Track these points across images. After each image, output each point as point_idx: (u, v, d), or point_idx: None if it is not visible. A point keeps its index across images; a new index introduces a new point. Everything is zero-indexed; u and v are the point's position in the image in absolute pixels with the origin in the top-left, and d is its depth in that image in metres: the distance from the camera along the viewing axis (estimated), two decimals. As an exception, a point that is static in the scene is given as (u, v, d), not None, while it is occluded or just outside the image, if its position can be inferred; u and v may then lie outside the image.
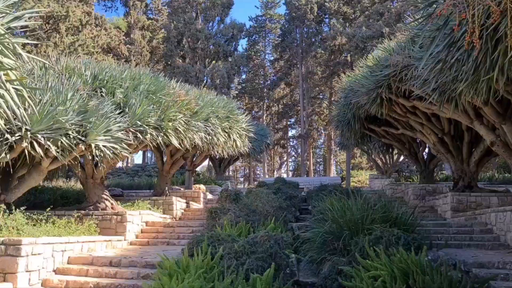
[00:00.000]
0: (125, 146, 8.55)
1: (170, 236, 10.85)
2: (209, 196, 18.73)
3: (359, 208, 8.26)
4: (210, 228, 9.95)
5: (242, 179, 63.27)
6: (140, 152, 39.62)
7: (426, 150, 17.52)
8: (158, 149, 14.69)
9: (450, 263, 7.08)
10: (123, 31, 34.49)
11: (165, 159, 15.20)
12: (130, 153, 10.54)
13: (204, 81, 29.68)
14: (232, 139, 14.37)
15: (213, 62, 30.33)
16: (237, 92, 52.32)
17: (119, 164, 37.73)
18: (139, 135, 9.08)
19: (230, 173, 65.82)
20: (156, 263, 6.97)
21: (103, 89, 9.14)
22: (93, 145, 7.71)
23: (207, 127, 12.61)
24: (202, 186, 19.48)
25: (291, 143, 59.00)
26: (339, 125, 17.00)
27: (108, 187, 16.85)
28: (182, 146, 11.11)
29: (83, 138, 7.58)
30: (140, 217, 11.25)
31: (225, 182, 25.00)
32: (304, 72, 41.77)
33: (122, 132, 8.59)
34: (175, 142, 10.20)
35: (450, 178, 17.85)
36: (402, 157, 25.18)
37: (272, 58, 50.43)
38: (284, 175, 58.88)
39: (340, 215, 8.14)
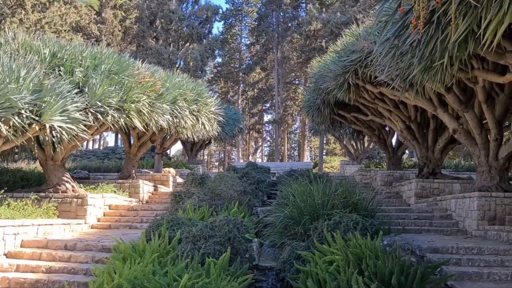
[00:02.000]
0: (83, 127, 8.28)
1: (133, 219, 10.69)
2: (179, 179, 18.54)
3: (321, 193, 8.28)
4: (174, 211, 9.84)
5: (217, 164, 63.16)
6: (113, 135, 38.95)
7: (395, 137, 17.72)
8: (125, 132, 14.44)
9: (406, 248, 7.19)
10: (95, 10, 33.48)
11: (132, 141, 14.93)
12: (91, 134, 10.28)
13: (178, 64, 29.18)
14: (200, 122, 14.18)
15: (187, 44, 29.79)
16: (212, 75, 51.84)
17: (90, 146, 37.04)
18: (99, 116, 8.81)
19: (205, 157, 65.61)
20: (112, 247, 6.83)
21: (61, 67, 8.80)
22: (47, 126, 7.43)
23: (174, 110, 12.39)
24: (172, 170, 19.28)
25: (267, 128, 59.02)
26: (309, 111, 16.99)
27: (74, 170, 16.51)
28: (147, 128, 10.89)
29: (37, 118, 7.30)
30: (102, 200, 11.03)
31: (196, 166, 24.74)
32: (279, 57, 41.60)
33: (81, 113, 8.31)
34: (138, 124, 9.96)
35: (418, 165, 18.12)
36: (372, 144, 25.47)
37: (248, 42, 50.02)
38: (259, 160, 59.12)
39: (301, 200, 8.15)
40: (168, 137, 17.68)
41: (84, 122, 8.34)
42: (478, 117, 9.92)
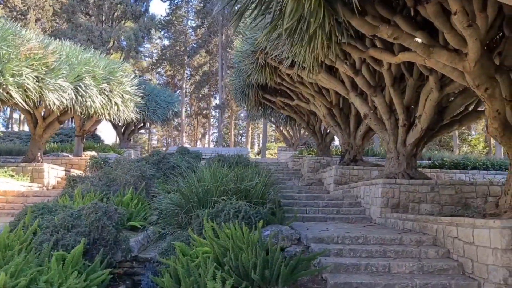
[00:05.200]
0: None
1: (19, 207, 9.67)
2: (102, 164, 17.49)
3: (213, 178, 7.68)
4: (61, 198, 8.96)
5: (164, 149, 61.58)
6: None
7: (323, 123, 17.46)
8: (29, 111, 13.24)
9: (293, 238, 6.74)
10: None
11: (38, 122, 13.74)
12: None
13: (112, 43, 27.59)
14: (113, 102, 13.19)
15: (121, 22, 28.17)
16: (157, 58, 50.01)
17: (16, 128, 34.80)
18: (-34, 90, 7.75)
19: (153, 142, 63.88)
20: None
21: None
22: None
23: (78, 87, 11.39)
24: (94, 154, 18.22)
25: (216, 113, 57.96)
26: (236, 94, 16.38)
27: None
28: (36, 105, 9.85)
29: None
30: (-13, 185, 9.96)
31: (127, 150, 23.59)
32: (224, 40, 40.60)
33: None
34: (19, 100, 8.90)
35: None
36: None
37: (194, 24, 48.48)
38: (207, 145, 58.18)
39: (187, 186, 7.51)
40: (87, 118, 16.58)
41: None
42: (388, 102, 9.62)
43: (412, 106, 9.66)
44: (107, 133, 34.08)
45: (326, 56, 6.04)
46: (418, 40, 5.26)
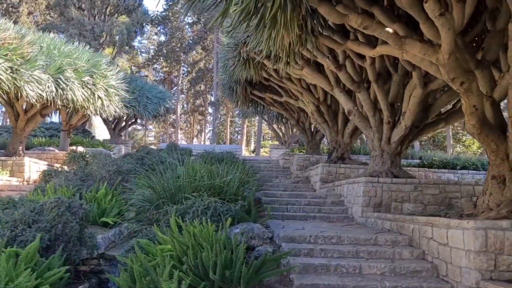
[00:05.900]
0: None
1: (-8, 201, 9.42)
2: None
3: (186, 174, 7.43)
4: (33, 192, 8.72)
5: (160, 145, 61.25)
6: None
7: (312, 120, 17.24)
8: (10, 104, 12.98)
9: (266, 237, 6.51)
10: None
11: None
12: None
13: (104, 37, 27.27)
14: (96, 96, 12.92)
15: (114, 16, 27.82)
16: (153, 54, 49.61)
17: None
18: None
19: (150, 138, 63.57)
20: None
21: None
22: None
23: (59, 80, 11.13)
24: (81, 148, 17.96)
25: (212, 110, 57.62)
26: (224, 90, 16.14)
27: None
28: (4, 97, 9.57)
29: None
30: (-41, 179, 9.69)
31: (118, 146, 23.32)
32: (220, 37, 40.26)
33: None
34: (-9, 91, 8.66)
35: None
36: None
37: (191, 20, 48.08)
38: (202, 143, 57.97)
39: (158, 182, 7.26)
40: (74, 113, 16.31)
41: None
42: (372, 99, 9.37)
43: (398, 104, 9.41)
44: (103, 130, 33.81)
45: (303, 47, 5.78)
46: (389, 30, 5.01)
